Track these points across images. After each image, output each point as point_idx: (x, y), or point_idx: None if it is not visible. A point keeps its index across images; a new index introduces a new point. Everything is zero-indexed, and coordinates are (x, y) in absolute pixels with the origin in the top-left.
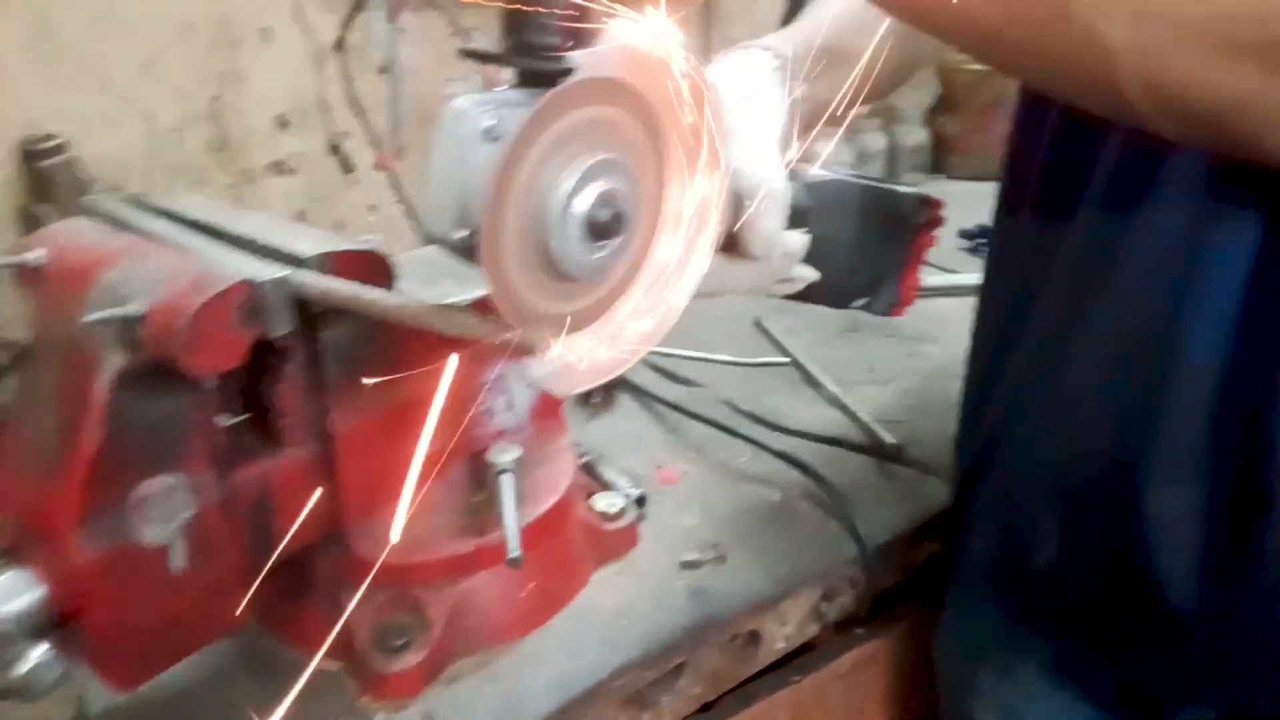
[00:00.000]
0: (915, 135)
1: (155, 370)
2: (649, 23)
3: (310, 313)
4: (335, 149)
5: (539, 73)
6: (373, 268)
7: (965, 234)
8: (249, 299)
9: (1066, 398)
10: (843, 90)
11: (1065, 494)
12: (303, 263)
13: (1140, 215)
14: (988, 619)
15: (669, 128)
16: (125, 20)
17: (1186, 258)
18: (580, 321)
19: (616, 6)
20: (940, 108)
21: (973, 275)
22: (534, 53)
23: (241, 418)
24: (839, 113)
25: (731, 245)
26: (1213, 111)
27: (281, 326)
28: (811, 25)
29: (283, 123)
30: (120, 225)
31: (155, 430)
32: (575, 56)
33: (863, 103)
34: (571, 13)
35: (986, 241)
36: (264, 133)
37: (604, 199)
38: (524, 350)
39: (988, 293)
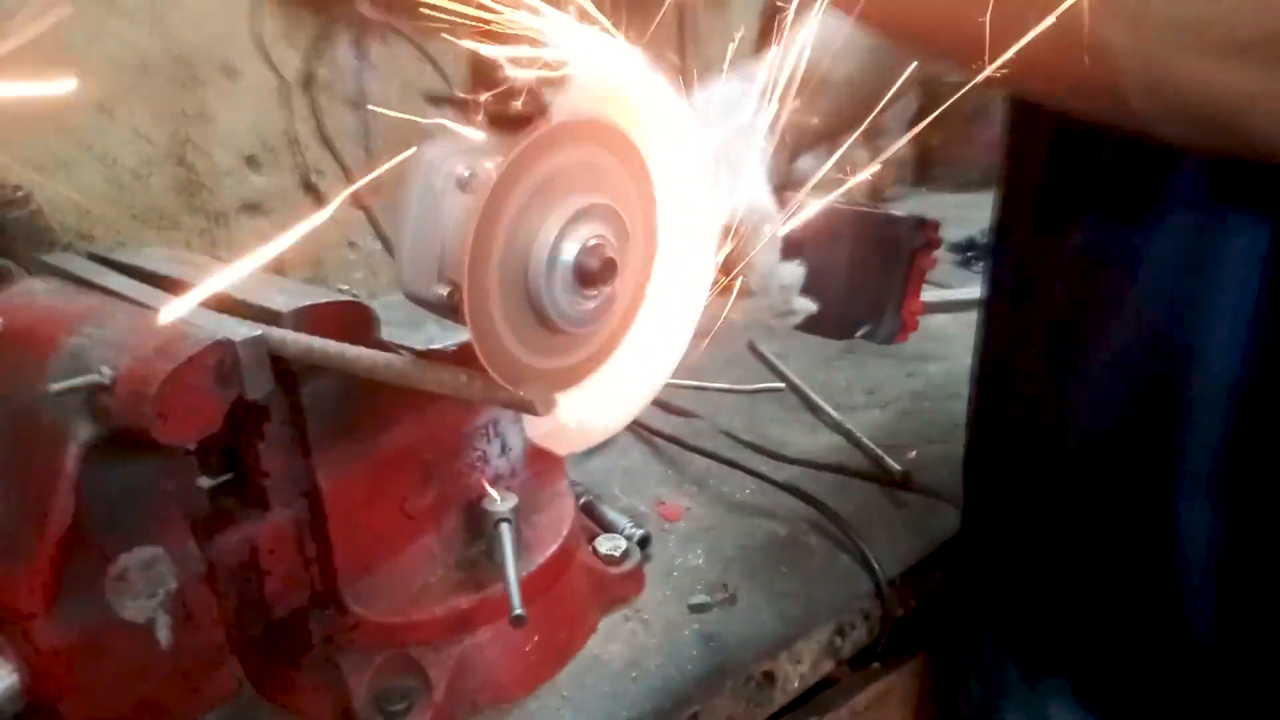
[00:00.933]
0: (899, 149)
1: (127, 437)
2: (622, 57)
3: (289, 366)
4: (309, 186)
5: (511, 116)
6: (353, 319)
7: (956, 247)
8: (222, 362)
9: (1079, 414)
10: (825, 116)
11: (1081, 514)
12: (279, 319)
13: (1144, 224)
14: (1006, 653)
15: (654, 165)
16: (78, 60)
17: (1198, 266)
18: (576, 376)
19: (583, 37)
20: (922, 119)
21: (967, 290)
22: (504, 94)
23: (222, 479)
24: (829, 139)
25: (728, 281)
26: (1220, 112)
27: (259, 389)
28: (787, 52)
29: (253, 162)
30: (82, 284)
31: (131, 500)
32: (548, 96)
33: (846, 128)
34: (540, 52)
35: (978, 255)
36: (234, 172)
37: (592, 245)
38: (522, 407)
39: (989, 308)
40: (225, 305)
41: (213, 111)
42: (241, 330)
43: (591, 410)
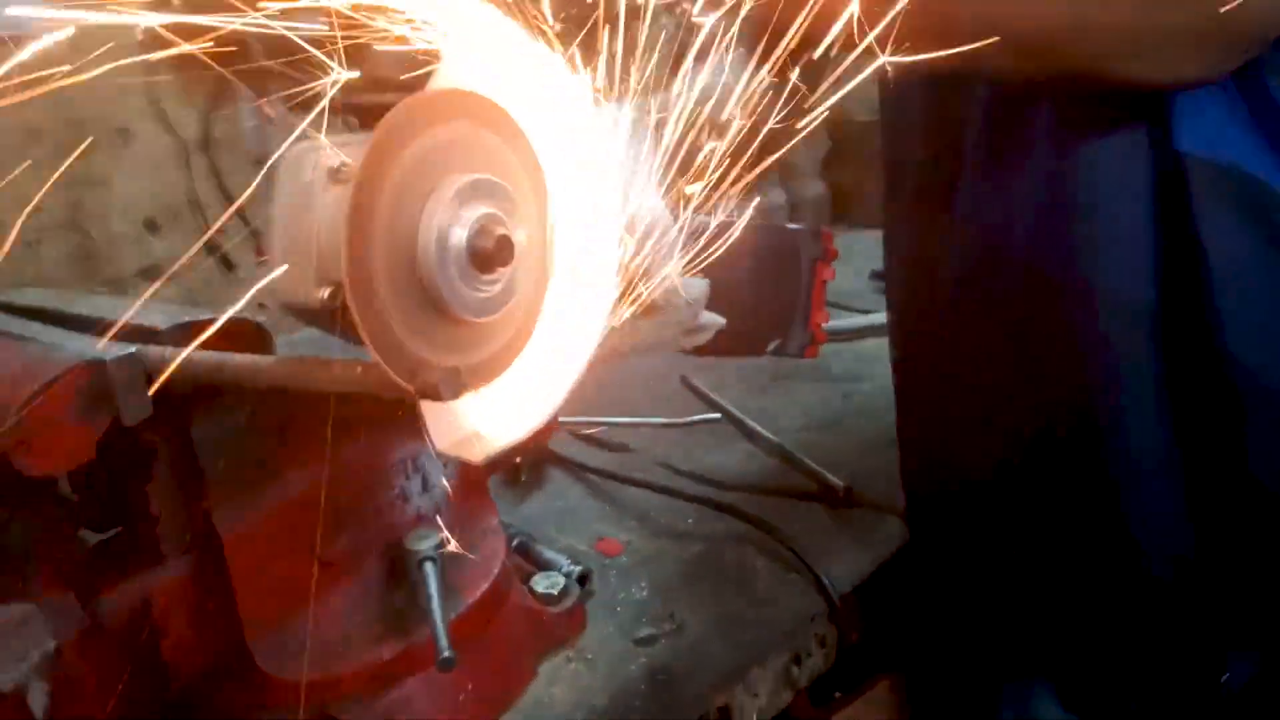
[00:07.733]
0: (813, 188)
1: None
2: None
3: (178, 400)
4: (213, 249)
5: (385, 106)
6: (244, 338)
7: (877, 274)
8: (92, 383)
9: (996, 382)
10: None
11: (1021, 482)
12: (157, 336)
13: (1009, 179)
14: (989, 659)
15: (541, 147)
16: None
17: (1075, 205)
18: (488, 372)
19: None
20: (833, 159)
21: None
22: (374, 88)
23: (110, 533)
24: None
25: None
26: (1041, 43)
27: (136, 412)
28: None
29: (152, 226)
30: None
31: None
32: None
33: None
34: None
35: None
36: (132, 238)
37: (484, 224)
38: (426, 394)
39: (893, 307)
40: (99, 329)
41: (107, 176)
42: (113, 349)
43: (505, 410)
